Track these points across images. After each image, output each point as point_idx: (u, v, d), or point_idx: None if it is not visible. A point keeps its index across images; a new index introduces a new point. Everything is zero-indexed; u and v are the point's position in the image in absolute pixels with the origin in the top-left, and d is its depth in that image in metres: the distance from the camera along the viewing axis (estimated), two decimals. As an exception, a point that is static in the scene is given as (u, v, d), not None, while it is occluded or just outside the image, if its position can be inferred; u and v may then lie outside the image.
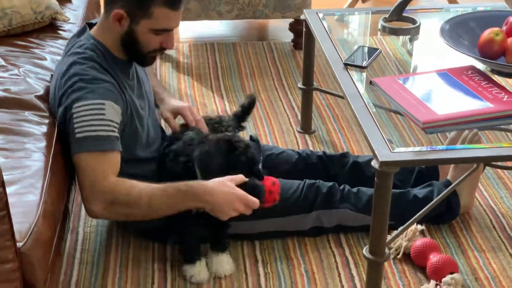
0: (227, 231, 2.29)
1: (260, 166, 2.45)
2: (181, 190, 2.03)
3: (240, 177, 2.05)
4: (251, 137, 2.55)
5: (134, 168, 2.15)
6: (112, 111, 2.04)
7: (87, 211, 2.05)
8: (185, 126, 2.36)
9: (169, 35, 2.16)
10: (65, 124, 2.06)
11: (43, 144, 2.01)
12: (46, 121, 2.12)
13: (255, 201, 2.02)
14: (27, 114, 2.14)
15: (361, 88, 2.26)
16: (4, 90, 2.23)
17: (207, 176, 2.08)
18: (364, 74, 2.37)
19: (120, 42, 2.14)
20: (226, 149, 2.11)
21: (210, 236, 2.30)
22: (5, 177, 1.54)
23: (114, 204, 2.01)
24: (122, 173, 2.05)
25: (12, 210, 1.56)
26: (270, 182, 2.11)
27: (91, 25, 2.25)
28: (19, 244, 1.60)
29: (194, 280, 2.22)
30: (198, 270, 2.23)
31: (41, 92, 2.25)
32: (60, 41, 2.62)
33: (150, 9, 2.07)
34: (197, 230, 2.25)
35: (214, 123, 2.42)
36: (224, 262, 2.25)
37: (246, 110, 2.64)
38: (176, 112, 2.41)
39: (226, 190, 2.02)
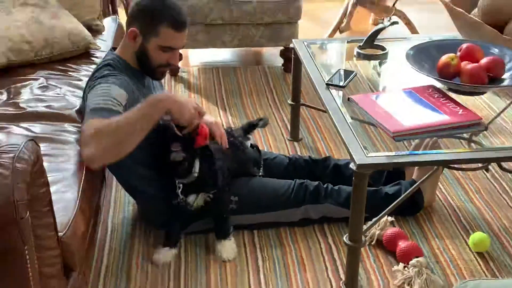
0: (227, 222, 2.28)
1: (261, 169, 2.46)
2: (141, 105, 1.97)
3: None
4: (251, 145, 2.56)
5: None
6: (116, 92, 2.03)
7: (85, 161, 1.92)
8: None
9: (174, 53, 2.19)
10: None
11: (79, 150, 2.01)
12: (82, 131, 2.12)
13: (203, 109, 2.09)
14: (66, 125, 2.15)
15: (340, 104, 2.27)
16: (47, 106, 2.25)
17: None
18: (342, 92, 2.37)
19: (135, 56, 2.18)
20: None
21: (211, 228, 2.29)
22: (48, 178, 1.54)
23: (100, 139, 1.89)
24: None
25: (54, 206, 1.56)
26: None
27: (114, 49, 2.29)
28: (60, 234, 1.60)
29: (156, 259, 2.21)
30: (165, 253, 2.22)
31: (77, 107, 2.26)
32: (93, 66, 2.61)
33: (158, 29, 2.11)
34: (186, 218, 2.27)
35: (227, 133, 2.40)
36: (227, 248, 2.25)
37: (254, 127, 2.64)
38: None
39: (184, 98, 2.07)
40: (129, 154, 1.97)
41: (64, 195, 1.77)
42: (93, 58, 2.73)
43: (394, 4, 3.02)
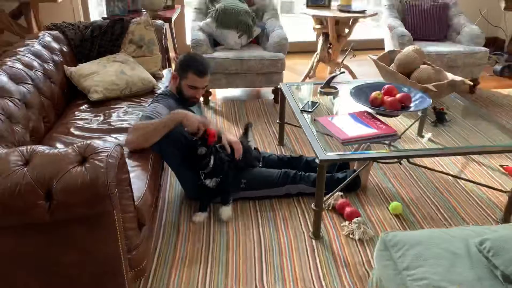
0: (228, 195, 2.24)
1: (260, 162, 2.45)
2: (167, 116, 1.99)
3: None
4: (254, 148, 2.55)
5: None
6: (161, 109, 2.06)
7: (125, 144, 1.94)
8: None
9: (198, 91, 2.19)
10: None
11: (149, 152, 2.01)
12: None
13: (207, 122, 2.03)
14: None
15: (309, 122, 2.27)
16: (128, 124, 2.24)
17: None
18: (310, 115, 2.37)
19: (177, 90, 2.18)
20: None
21: (219, 197, 2.27)
22: (128, 168, 1.54)
23: (136, 131, 1.92)
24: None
25: (132, 186, 1.56)
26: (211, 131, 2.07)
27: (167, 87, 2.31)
28: (136, 203, 1.61)
29: (194, 219, 2.18)
30: (200, 215, 2.20)
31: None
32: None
33: (187, 73, 2.12)
34: (209, 194, 2.25)
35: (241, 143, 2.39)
36: (224, 212, 2.20)
37: (247, 129, 2.65)
38: (230, 142, 2.26)
39: (192, 115, 2.02)
40: (164, 151, 2.02)
41: (138, 179, 1.78)
42: (156, 94, 2.73)
43: (342, 61, 3.03)
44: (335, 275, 1.90)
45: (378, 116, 2.26)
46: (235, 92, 4.09)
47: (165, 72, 3.21)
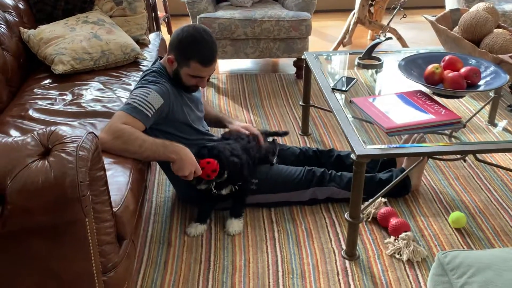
0: (243, 205, 2.30)
1: (275, 156, 2.46)
2: (165, 143, 2.02)
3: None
4: (271, 138, 2.56)
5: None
6: (154, 99, 2.06)
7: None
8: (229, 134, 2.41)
9: (202, 80, 2.18)
10: None
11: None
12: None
13: (199, 169, 2.06)
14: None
15: (343, 105, 2.26)
16: (103, 106, 2.26)
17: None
18: (345, 96, 2.36)
19: (172, 74, 2.17)
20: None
21: (228, 207, 2.30)
22: (105, 165, 1.55)
23: (117, 139, 1.93)
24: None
25: (110, 187, 1.57)
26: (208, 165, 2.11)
27: (161, 58, 2.29)
28: (114, 209, 1.62)
29: (187, 231, 2.23)
30: (196, 227, 2.23)
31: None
32: (140, 72, 2.63)
33: (189, 62, 2.09)
34: (211, 203, 2.29)
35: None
36: (235, 225, 2.24)
37: (275, 135, 2.66)
38: (244, 127, 2.42)
39: (189, 156, 2.04)
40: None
41: (118, 179, 1.79)
42: (140, 66, 2.74)
43: (388, 23, 3.00)
44: (375, 307, 1.90)
45: (436, 98, 2.23)
46: (244, 63, 4.09)
47: (152, 36, 3.22)
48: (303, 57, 2.82)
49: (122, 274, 1.64)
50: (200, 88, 2.27)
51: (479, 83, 2.22)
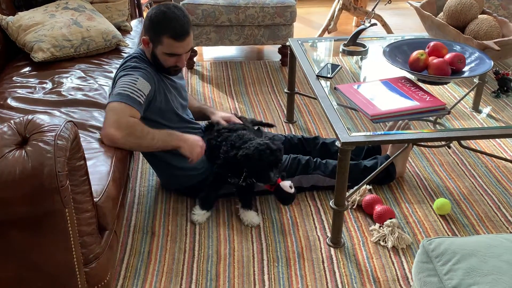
0: (251, 195, 2.27)
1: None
2: (169, 132, 2.10)
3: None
4: (253, 124, 2.54)
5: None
6: (142, 85, 2.05)
7: (106, 137, 1.93)
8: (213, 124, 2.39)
9: (180, 58, 2.14)
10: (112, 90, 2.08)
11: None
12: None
13: (204, 146, 2.17)
14: (100, 111, 2.13)
15: (328, 92, 2.25)
16: (84, 95, 2.23)
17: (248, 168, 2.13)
18: (330, 83, 2.35)
19: (151, 57, 2.15)
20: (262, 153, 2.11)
21: (234, 195, 2.29)
22: (86, 155, 1.53)
23: (131, 135, 1.96)
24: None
25: (90, 176, 1.56)
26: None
27: None
28: (95, 199, 1.60)
29: (197, 219, 2.21)
30: (203, 215, 2.22)
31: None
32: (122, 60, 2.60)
33: (162, 38, 2.06)
34: (217, 188, 2.25)
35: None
36: (252, 216, 2.22)
37: (262, 125, 2.62)
38: (226, 118, 2.41)
39: (193, 138, 2.15)
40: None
41: (99, 168, 1.77)
42: (122, 54, 2.70)
43: (373, 9, 2.99)
44: (360, 294, 1.91)
45: (420, 84, 2.23)
46: (228, 51, 4.06)
47: (135, 23, 3.17)
48: (288, 44, 2.80)
49: (104, 265, 1.63)
50: (183, 75, 2.24)
51: (463, 69, 2.22)
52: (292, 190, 2.17)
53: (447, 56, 2.22)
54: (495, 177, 2.54)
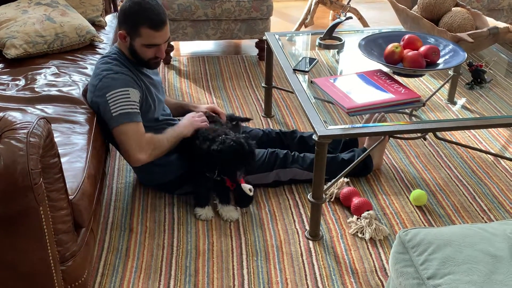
0: (229, 190, 2.26)
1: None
2: (172, 129, 2.22)
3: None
4: (231, 119, 2.53)
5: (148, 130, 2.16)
6: (134, 94, 2.07)
7: (134, 162, 2.10)
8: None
9: (159, 48, 2.12)
10: (100, 108, 2.06)
11: (86, 127, 1.98)
12: (88, 111, 2.08)
13: (203, 118, 2.30)
14: (75, 107, 2.10)
15: (305, 86, 2.25)
16: (58, 91, 2.19)
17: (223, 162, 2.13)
18: (307, 76, 2.35)
19: (129, 52, 2.12)
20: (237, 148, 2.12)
21: (218, 192, 2.27)
22: (59, 151, 1.52)
23: (154, 150, 2.11)
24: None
25: (65, 173, 1.54)
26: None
27: None
28: (70, 197, 1.59)
29: (203, 217, 2.21)
30: (206, 211, 2.22)
31: (82, 91, 2.21)
32: (97, 55, 2.57)
33: (138, 30, 2.05)
34: (208, 184, 2.23)
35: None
36: (231, 211, 2.22)
37: (240, 120, 2.60)
38: (210, 109, 2.47)
39: (187, 117, 2.29)
40: None
41: (74, 165, 1.74)
42: (97, 49, 2.66)
43: (348, 2, 3.00)
44: (338, 286, 1.91)
45: (396, 77, 2.24)
46: (205, 45, 4.03)
47: (109, 18, 3.13)
48: (264, 38, 2.79)
49: (81, 263, 1.61)
50: (158, 71, 2.23)
51: (438, 62, 2.23)
52: (251, 194, 2.20)
53: (422, 48, 2.23)
54: (470, 168, 2.57)
